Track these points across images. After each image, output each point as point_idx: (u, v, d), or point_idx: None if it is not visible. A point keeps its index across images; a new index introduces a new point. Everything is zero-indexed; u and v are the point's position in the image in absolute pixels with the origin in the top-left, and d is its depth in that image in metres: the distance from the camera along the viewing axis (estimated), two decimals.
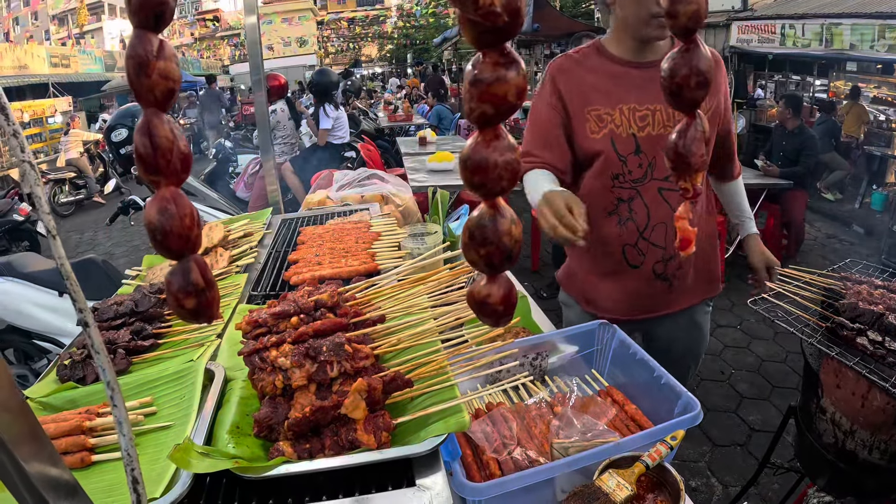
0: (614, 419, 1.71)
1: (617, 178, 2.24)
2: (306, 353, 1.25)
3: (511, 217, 0.65)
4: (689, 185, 0.80)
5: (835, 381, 2.05)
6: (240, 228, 2.54)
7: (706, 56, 0.72)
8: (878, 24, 9.19)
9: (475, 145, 0.63)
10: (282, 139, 7.65)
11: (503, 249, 0.65)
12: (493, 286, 0.68)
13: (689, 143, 0.77)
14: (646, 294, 2.30)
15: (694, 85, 0.72)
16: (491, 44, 0.58)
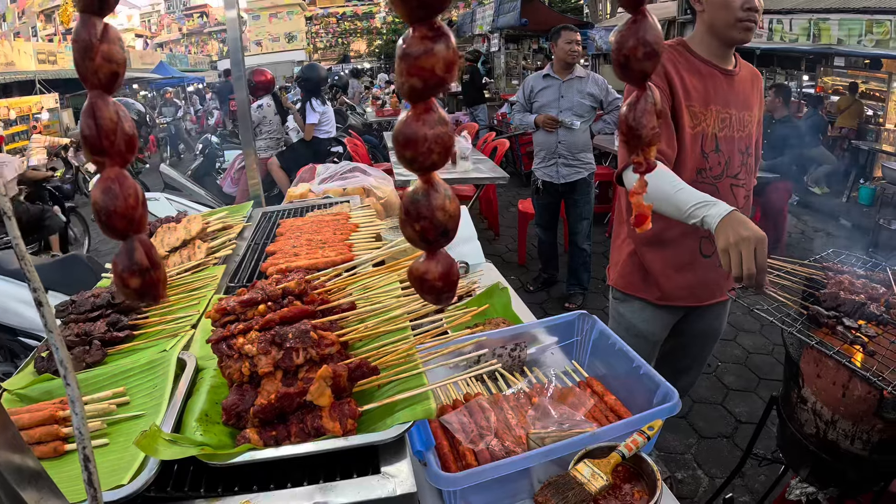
0: (593, 410, 1.70)
1: (700, 172, 2.41)
2: (272, 340, 1.24)
3: (445, 192, 0.64)
4: (642, 158, 0.78)
5: (815, 370, 2.03)
6: (218, 221, 2.53)
7: (654, 27, 0.71)
8: (865, 19, 9.23)
9: (405, 120, 0.62)
10: (268, 134, 7.62)
11: (437, 224, 0.64)
12: (432, 263, 0.67)
13: (640, 115, 0.75)
14: (713, 281, 2.50)
15: (641, 56, 0.71)
16: (421, 18, 0.57)
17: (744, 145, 2.46)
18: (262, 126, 7.59)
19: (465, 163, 6.40)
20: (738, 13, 2.23)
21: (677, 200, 2.04)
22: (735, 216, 1.89)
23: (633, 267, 2.66)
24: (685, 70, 2.35)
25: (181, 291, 2.07)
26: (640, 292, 2.66)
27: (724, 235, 1.86)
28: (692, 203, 1.99)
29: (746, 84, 2.48)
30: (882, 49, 9.19)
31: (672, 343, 2.92)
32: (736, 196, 2.48)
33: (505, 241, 8.06)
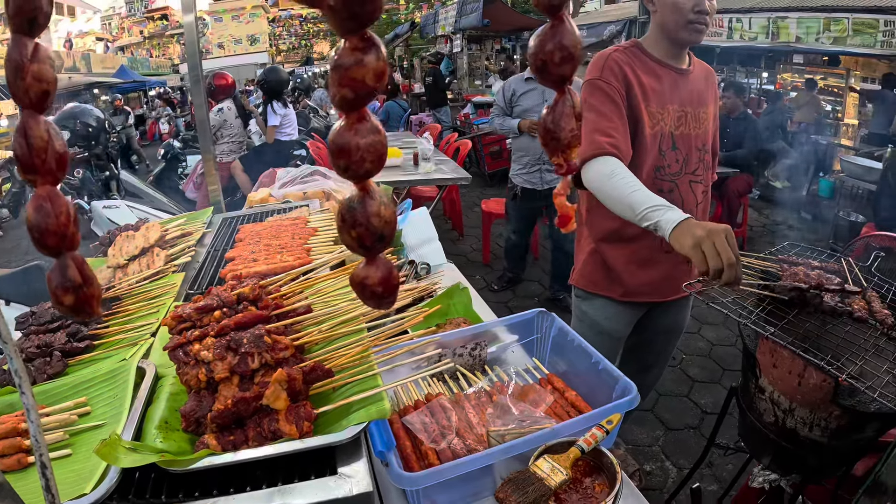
0: (554, 406, 1.71)
1: (658, 170, 2.45)
2: (228, 346, 1.25)
3: (380, 199, 0.66)
4: (562, 160, 0.80)
5: (771, 360, 2.07)
6: (177, 228, 2.51)
7: (572, 32, 0.72)
8: (822, 17, 9.43)
9: (338, 129, 0.64)
10: (230, 138, 7.53)
11: (373, 231, 0.65)
12: (371, 268, 0.69)
13: (559, 118, 0.77)
14: (676, 276, 2.47)
15: (559, 60, 0.72)
16: (352, 30, 0.58)
17: (700, 142, 2.50)
18: (224, 130, 7.50)
19: (428, 164, 6.42)
20: (688, 15, 2.27)
21: (631, 202, 2.04)
22: (691, 221, 1.86)
23: (594, 265, 2.68)
24: (641, 71, 2.38)
25: (140, 300, 2.05)
26: (603, 290, 2.68)
27: (689, 234, 1.81)
28: (647, 206, 1.98)
29: (700, 82, 2.53)
30: (839, 46, 9.37)
31: (636, 339, 2.95)
32: (695, 192, 2.53)
33: (469, 240, 8.09)
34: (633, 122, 2.35)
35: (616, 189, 2.11)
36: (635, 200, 2.02)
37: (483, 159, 11.20)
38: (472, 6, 15.44)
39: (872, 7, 8.81)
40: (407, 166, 6.57)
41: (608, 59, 2.36)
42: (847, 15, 9.05)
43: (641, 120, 2.36)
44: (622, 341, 2.87)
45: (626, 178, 2.11)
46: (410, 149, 6.87)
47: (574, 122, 0.77)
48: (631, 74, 2.35)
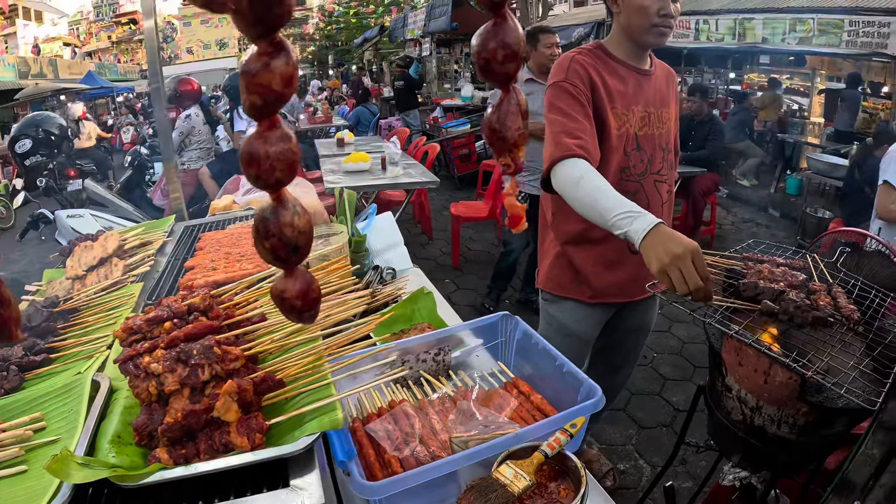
0: (519, 409, 1.70)
1: (624, 171, 2.45)
2: (177, 358, 1.22)
3: (294, 209, 0.63)
4: (509, 160, 0.78)
5: (736, 359, 2.07)
6: (136, 237, 2.46)
7: (514, 30, 0.71)
8: (788, 18, 9.54)
9: (249, 137, 0.62)
10: (197, 144, 7.46)
11: (286, 242, 0.63)
12: (289, 281, 0.67)
13: (504, 117, 0.76)
14: (643, 276, 2.35)
15: (502, 58, 0.71)
16: (260, 34, 0.56)
17: (664, 142, 2.51)
18: (192, 136, 7.42)
19: (395, 168, 6.40)
20: (653, 19, 2.27)
21: (601, 208, 2.01)
22: (659, 232, 1.83)
23: (561, 268, 2.67)
24: (606, 73, 2.38)
25: (98, 311, 2.02)
26: (571, 293, 2.67)
27: (656, 255, 1.79)
28: (617, 212, 1.94)
29: (661, 82, 2.54)
30: (805, 46, 9.49)
31: (605, 340, 2.95)
32: (660, 192, 2.54)
33: (439, 244, 8.08)
34: (599, 124, 2.35)
35: (585, 193, 2.08)
36: (605, 206, 1.99)
37: (452, 162, 11.23)
38: (440, 10, 15.48)
39: (837, 8, 8.93)
40: (375, 171, 6.55)
41: (573, 62, 2.36)
42: (812, 16, 9.17)
43: (607, 121, 2.36)
44: (591, 343, 2.86)
45: (595, 182, 2.09)
46: (378, 153, 6.85)
47: (520, 120, 0.76)
48: (596, 76, 2.34)
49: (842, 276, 2.27)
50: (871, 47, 8.37)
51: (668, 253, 1.75)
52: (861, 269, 2.44)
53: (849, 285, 2.22)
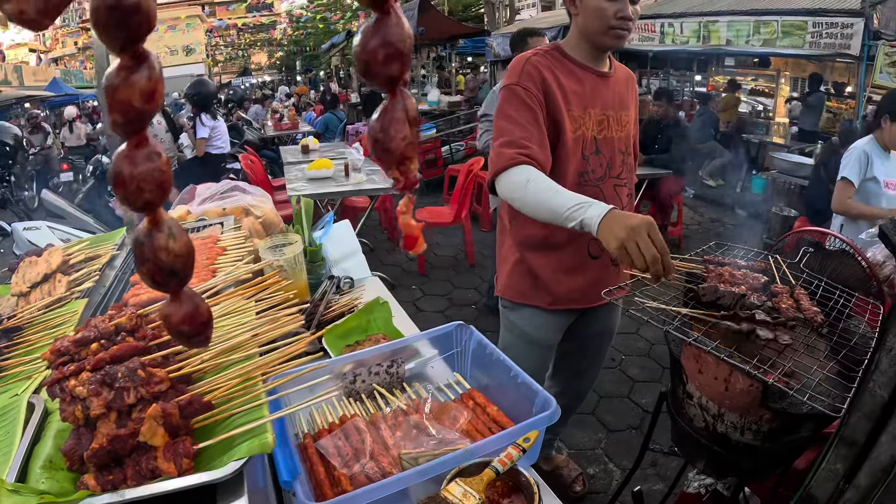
0: (474, 422, 1.67)
1: (582, 175, 2.41)
2: (103, 381, 1.17)
3: (169, 231, 0.59)
4: (398, 174, 0.72)
5: (696, 366, 2.04)
6: (82, 251, 2.38)
7: (398, 25, 0.64)
8: (752, 20, 9.67)
9: (115, 157, 0.58)
10: None
11: (161, 266, 0.59)
12: (174, 305, 0.62)
13: (388, 125, 0.69)
14: (603, 280, 2.41)
15: (383, 58, 0.64)
16: (123, 46, 0.52)
17: (623, 145, 2.48)
18: None
19: (358, 174, 6.35)
20: (610, 21, 2.23)
21: (554, 205, 2.01)
22: (614, 213, 1.85)
23: (520, 275, 2.63)
24: (562, 74, 2.35)
25: (41, 329, 1.94)
26: (531, 299, 2.63)
27: (612, 233, 1.80)
28: (569, 206, 1.95)
29: (621, 84, 2.51)
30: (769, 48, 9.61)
31: (568, 346, 2.92)
32: (619, 195, 2.51)
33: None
34: (553, 127, 2.32)
35: (535, 195, 2.08)
36: (557, 203, 2.00)
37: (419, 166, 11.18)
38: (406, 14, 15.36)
39: (800, 10, 9.06)
40: (338, 177, 6.48)
41: (526, 63, 2.32)
42: (776, 18, 9.29)
43: (563, 124, 2.32)
44: (553, 349, 2.83)
45: (543, 183, 2.09)
46: (342, 160, 6.79)
47: (407, 129, 0.69)
48: (551, 78, 2.30)
49: (805, 277, 2.26)
50: (834, 48, 8.51)
51: (625, 227, 1.77)
52: (825, 269, 2.43)
53: (812, 286, 2.20)
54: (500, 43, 15.53)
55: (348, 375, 1.79)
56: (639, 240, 1.74)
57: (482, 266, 7.23)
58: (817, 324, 1.90)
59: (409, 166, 0.69)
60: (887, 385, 1.49)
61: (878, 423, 1.53)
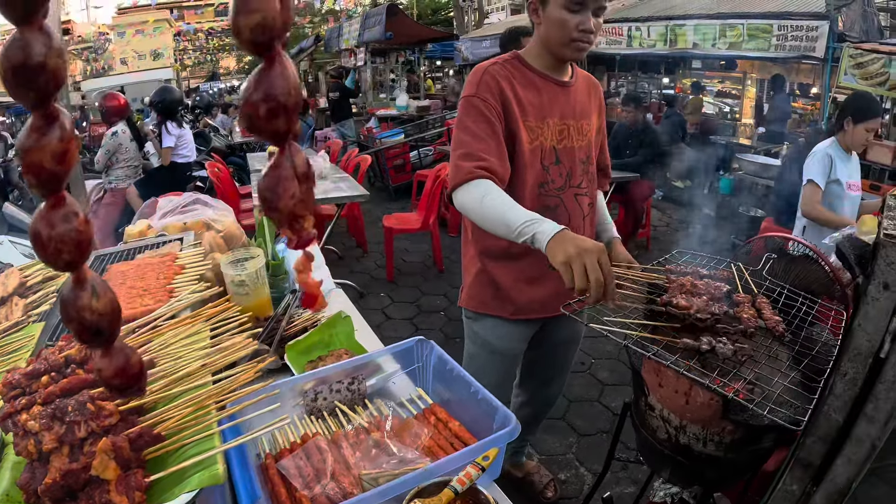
0: (437, 438, 1.67)
1: (542, 186, 2.42)
2: (53, 415, 1.15)
3: (92, 290, 0.58)
4: (291, 233, 0.70)
5: (657, 379, 2.06)
6: (39, 272, 2.32)
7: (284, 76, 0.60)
8: (718, 24, 9.79)
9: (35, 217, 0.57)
10: (125, 162, 7.25)
11: (86, 325, 0.58)
12: (105, 360, 0.62)
13: (275, 184, 0.66)
14: (565, 291, 2.32)
15: (265, 114, 0.60)
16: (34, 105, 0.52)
17: (584, 154, 2.49)
18: (119, 154, 7.21)
19: (325, 182, 6.32)
20: (572, 33, 2.23)
21: (507, 220, 2.02)
22: (566, 234, 1.87)
23: (482, 285, 2.63)
24: (520, 84, 2.35)
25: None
26: (493, 309, 2.63)
27: (562, 249, 1.81)
28: (521, 222, 1.97)
29: (582, 93, 2.51)
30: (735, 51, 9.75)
31: (534, 354, 2.93)
32: (581, 205, 2.52)
33: (374, 257, 8.02)
34: (510, 138, 2.32)
35: (490, 210, 2.10)
36: (510, 218, 2.01)
37: (387, 173, 11.20)
38: (375, 19, 15.53)
39: (766, 13, 9.18)
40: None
41: (484, 74, 2.32)
42: (742, 21, 9.41)
43: (519, 135, 2.33)
44: (518, 358, 2.84)
45: (499, 198, 2.10)
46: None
47: (296, 186, 0.66)
48: (508, 88, 2.31)
49: (767, 285, 2.27)
50: (799, 51, 8.67)
51: (576, 247, 1.79)
52: (789, 274, 2.45)
53: (775, 293, 2.22)
54: (469, 47, 15.58)
55: (309, 393, 1.79)
56: (587, 261, 1.76)
57: (451, 272, 7.27)
58: (779, 333, 1.91)
59: (302, 224, 0.67)
60: (842, 409, 1.50)
61: (833, 445, 1.55)
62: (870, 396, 1.45)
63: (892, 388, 1.41)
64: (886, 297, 1.38)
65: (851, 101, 4.43)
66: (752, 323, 1.89)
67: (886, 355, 1.42)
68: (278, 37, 0.58)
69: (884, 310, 1.39)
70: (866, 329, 1.43)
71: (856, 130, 4.19)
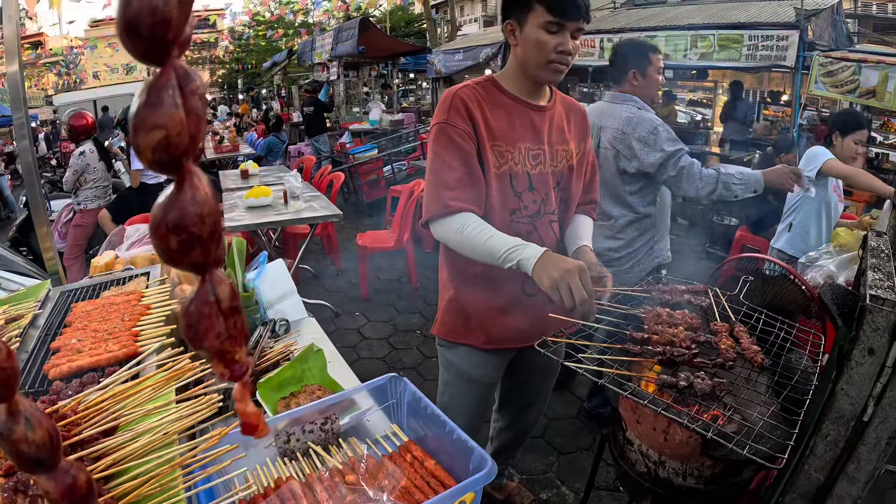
0: (413, 477, 1.63)
1: (514, 213, 2.39)
2: (16, 489, 1.10)
3: (26, 422, 0.54)
4: (223, 369, 0.63)
5: (634, 416, 2.05)
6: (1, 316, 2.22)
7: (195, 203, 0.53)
8: (689, 34, 9.90)
9: None
10: (93, 183, 7.10)
11: (24, 457, 0.54)
12: (51, 483, 0.58)
13: (196, 321, 0.58)
14: (540, 319, 2.34)
15: (177, 246, 0.54)
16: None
17: (559, 179, 2.45)
18: (87, 174, 7.06)
19: (297, 202, 6.26)
20: (550, 55, 2.20)
21: (489, 248, 2.10)
22: (548, 256, 2.00)
23: (454, 313, 2.60)
24: (490, 108, 2.32)
25: None
26: (465, 338, 2.59)
27: (547, 273, 1.96)
28: (504, 249, 2.06)
29: (561, 118, 2.47)
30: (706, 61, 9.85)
31: (512, 381, 2.91)
32: (555, 231, 2.49)
33: (349, 275, 7.93)
34: (481, 163, 2.30)
35: (471, 240, 2.15)
36: (492, 246, 2.10)
37: (360, 189, 11.16)
38: (347, 33, 15.53)
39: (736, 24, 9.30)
40: (277, 205, 6.36)
41: (454, 98, 2.30)
42: (713, 32, 9.52)
43: (486, 160, 2.29)
44: (494, 386, 2.81)
45: (477, 228, 2.15)
46: (281, 185, 6.67)
47: (220, 323, 0.59)
48: (477, 112, 2.28)
49: (745, 310, 2.27)
50: (770, 60, 8.79)
51: (559, 269, 1.95)
52: (766, 294, 2.45)
53: (753, 319, 2.21)
54: (441, 60, 15.61)
55: (282, 435, 1.74)
56: (570, 281, 1.91)
57: (426, 289, 7.24)
58: (757, 364, 1.90)
59: (233, 358, 0.62)
60: (823, 469, 1.50)
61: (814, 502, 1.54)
62: (851, 457, 1.44)
63: (874, 450, 1.41)
64: (871, 362, 1.37)
65: (836, 117, 4.68)
66: (731, 355, 1.89)
67: (870, 419, 1.40)
68: (186, 153, 0.51)
69: (868, 375, 1.39)
70: (849, 393, 1.43)
71: (845, 143, 4.34)
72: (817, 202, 4.43)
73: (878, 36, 15.73)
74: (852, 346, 1.40)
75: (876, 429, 1.40)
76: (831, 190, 4.44)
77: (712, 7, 11.44)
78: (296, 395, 2.02)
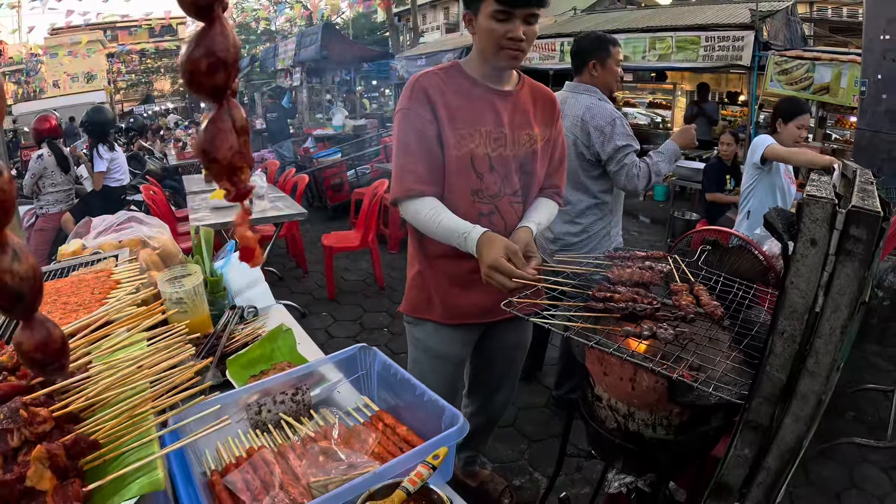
0: (386, 443, 1.65)
1: (476, 193, 2.44)
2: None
3: (13, 254, 0.55)
4: (229, 185, 0.71)
5: (601, 369, 2.08)
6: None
7: (223, 35, 0.63)
8: (648, 37, 10.03)
9: None
10: (52, 186, 7.04)
11: (6, 289, 0.55)
12: (26, 332, 0.59)
13: (214, 136, 0.68)
14: (503, 295, 2.34)
15: (206, 68, 0.63)
16: None
17: (521, 163, 2.49)
18: (46, 179, 7.00)
19: (262, 202, 6.24)
20: (500, 42, 2.25)
21: (445, 232, 2.28)
22: (484, 239, 2.21)
23: (419, 288, 2.65)
24: (452, 92, 2.37)
25: None
26: (430, 314, 2.64)
27: (480, 264, 2.19)
28: (457, 234, 2.25)
29: (527, 104, 2.51)
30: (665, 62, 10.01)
31: (479, 361, 2.95)
32: (517, 211, 2.53)
33: (315, 277, 7.91)
34: (443, 145, 2.36)
35: (426, 224, 2.34)
36: (449, 230, 2.28)
37: (325, 193, 11.14)
38: (310, 38, 15.53)
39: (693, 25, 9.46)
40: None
41: (415, 85, 2.36)
42: (671, 34, 9.67)
43: (446, 142, 2.35)
44: (462, 364, 2.85)
45: (430, 213, 2.32)
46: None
47: (234, 139, 0.68)
48: (437, 96, 2.34)
49: (704, 274, 2.33)
50: (726, 60, 8.98)
51: (483, 265, 2.18)
52: (724, 264, 2.51)
53: (711, 281, 2.28)
54: (404, 66, 15.65)
55: (253, 406, 1.75)
56: (492, 278, 2.16)
57: (392, 288, 7.26)
58: (717, 317, 1.96)
59: (239, 176, 0.67)
60: (784, 367, 1.53)
61: (779, 405, 1.57)
62: (810, 352, 1.47)
63: (829, 342, 1.45)
64: (814, 252, 1.42)
65: (779, 105, 4.77)
66: (691, 309, 1.94)
67: (821, 309, 1.44)
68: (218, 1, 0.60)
69: (813, 265, 1.43)
70: (798, 286, 1.46)
71: (788, 128, 4.47)
72: (769, 187, 4.59)
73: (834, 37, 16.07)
74: (795, 240, 1.45)
75: (829, 318, 1.44)
76: (783, 176, 4.60)
77: (670, 11, 11.73)
78: (266, 373, 2.02)
